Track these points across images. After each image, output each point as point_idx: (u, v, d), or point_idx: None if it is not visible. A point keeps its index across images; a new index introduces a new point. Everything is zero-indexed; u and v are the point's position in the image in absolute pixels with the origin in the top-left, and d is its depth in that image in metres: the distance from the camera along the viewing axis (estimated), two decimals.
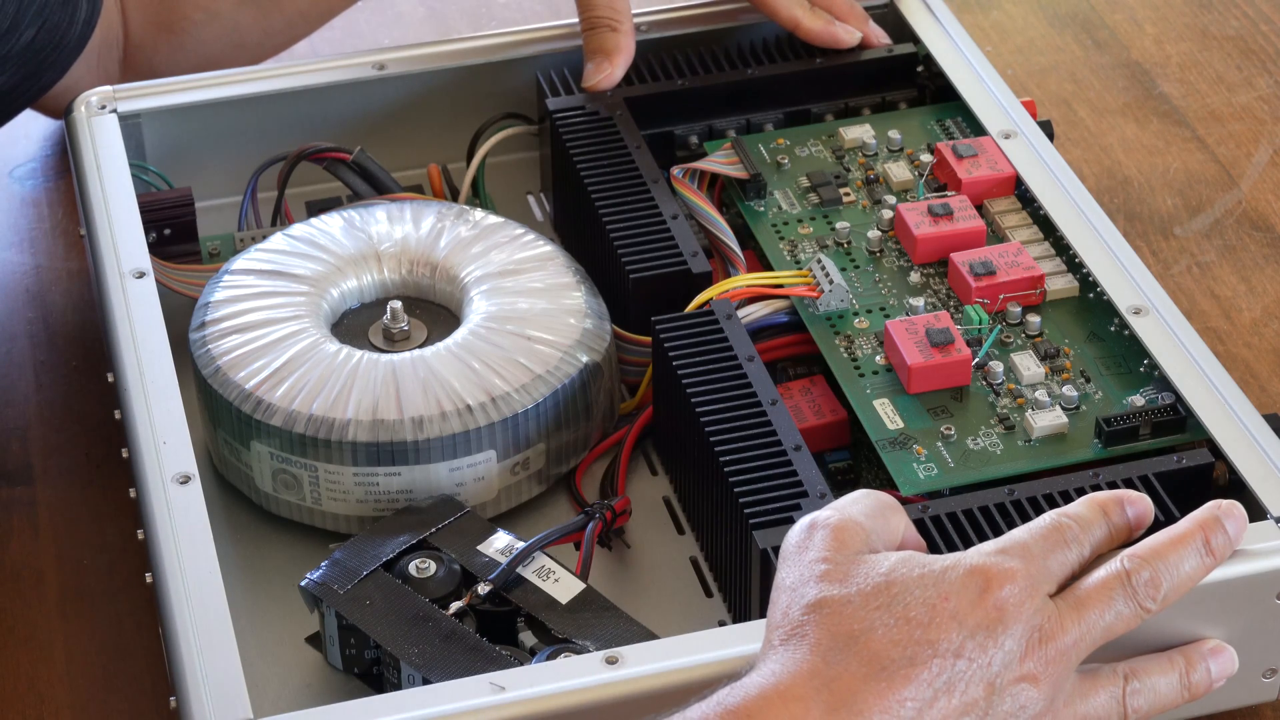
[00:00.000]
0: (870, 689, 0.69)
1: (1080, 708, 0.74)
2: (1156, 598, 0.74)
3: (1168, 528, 0.76)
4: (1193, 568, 0.75)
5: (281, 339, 0.90)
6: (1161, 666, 0.76)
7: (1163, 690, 0.76)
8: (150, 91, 1.05)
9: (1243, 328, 1.02)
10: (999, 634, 0.71)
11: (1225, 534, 0.76)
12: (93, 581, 0.91)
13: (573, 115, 1.02)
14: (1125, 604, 0.74)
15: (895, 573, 0.72)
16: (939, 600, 0.71)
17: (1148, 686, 0.75)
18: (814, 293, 0.93)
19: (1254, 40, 1.22)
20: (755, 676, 0.69)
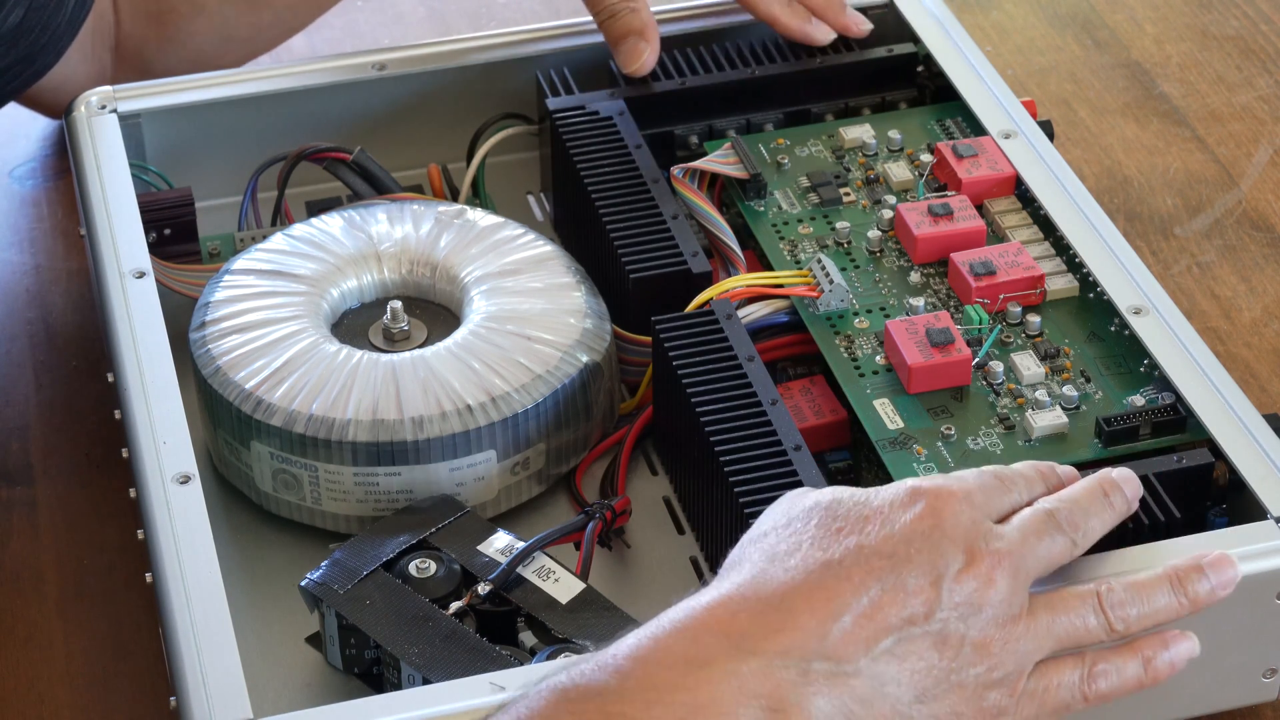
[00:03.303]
0: (799, 593, 0.69)
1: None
2: (1079, 526, 0.74)
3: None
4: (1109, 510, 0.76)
5: (281, 339, 0.90)
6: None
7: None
8: (150, 91, 1.05)
9: (1243, 328, 1.02)
10: (936, 538, 0.71)
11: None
12: (93, 581, 0.91)
13: (573, 115, 1.02)
14: (1059, 539, 0.74)
15: (837, 502, 0.73)
16: (871, 512, 0.72)
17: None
18: (814, 293, 0.93)
19: (1254, 40, 1.22)
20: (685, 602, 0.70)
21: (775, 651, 0.68)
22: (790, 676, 0.68)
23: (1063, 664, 0.73)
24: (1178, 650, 0.75)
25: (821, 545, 0.71)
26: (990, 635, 0.71)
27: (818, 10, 1.05)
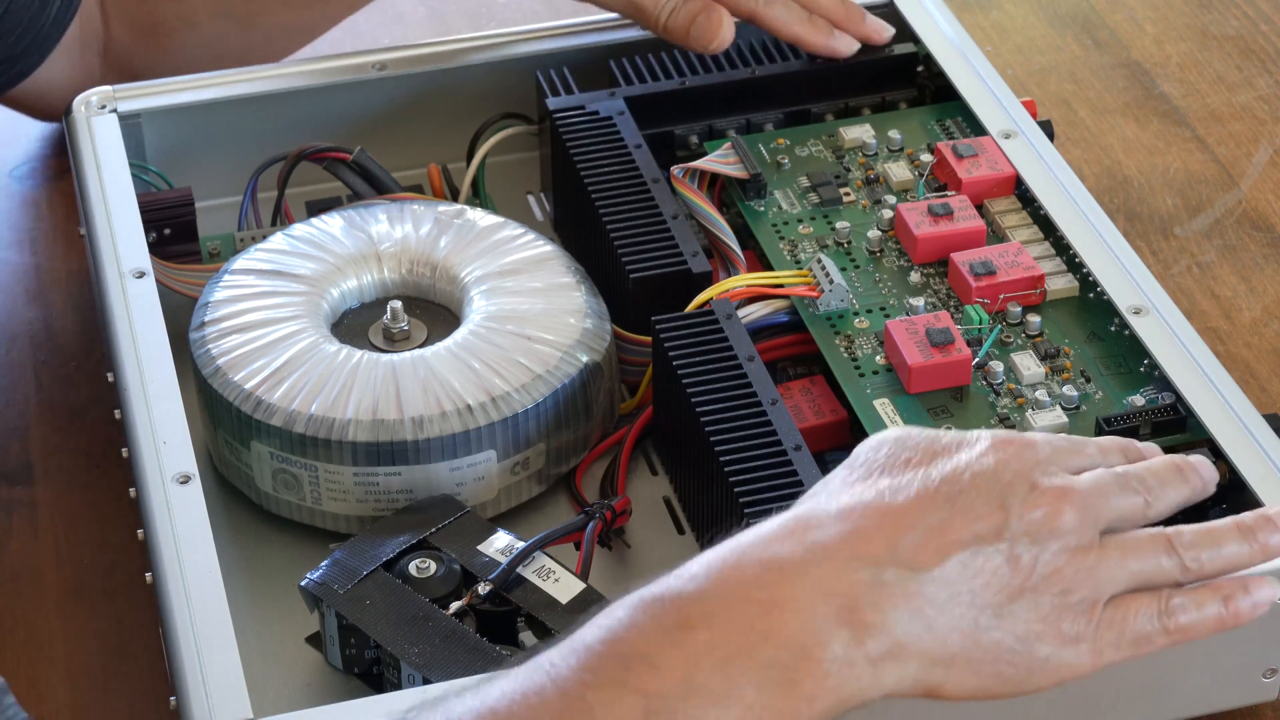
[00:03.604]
0: (869, 511, 0.70)
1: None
2: (1152, 490, 0.74)
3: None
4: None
5: (281, 339, 0.90)
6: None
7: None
8: (150, 91, 1.05)
9: (1243, 328, 1.02)
10: (1002, 471, 0.72)
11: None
12: (93, 581, 0.91)
13: (573, 115, 1.02)
14: (1131, 497, 0.74)
15: (907, 436, 0.74)
16: (941, 448, 0.73)
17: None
18: (814, 293, 0.93)
19: (1254, 40, 1.22)
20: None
21: (847, 556, 0.69)
22: (864, 578, 0.68)
23: (1140, 596, 0.73)
24: (1260, 593, 0.75)
25: (890, 473, 0.72)
26: (1062, 563, 0.71)
27: (838, 22, 1.05)
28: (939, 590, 0.69)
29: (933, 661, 0.69)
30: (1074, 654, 0.71)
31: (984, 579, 0.70)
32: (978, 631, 0.70)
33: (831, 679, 0.67)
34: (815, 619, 0.67)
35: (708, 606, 0.67)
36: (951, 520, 0.70)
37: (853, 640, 0.68)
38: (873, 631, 0.68)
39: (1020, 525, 0.71)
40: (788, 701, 0.67)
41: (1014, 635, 0.70)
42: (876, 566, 0.69)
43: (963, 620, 0.70)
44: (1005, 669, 0.71)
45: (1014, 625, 0.70)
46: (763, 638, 0.67)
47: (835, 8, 1.05)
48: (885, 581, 0.69)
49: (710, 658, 0.66)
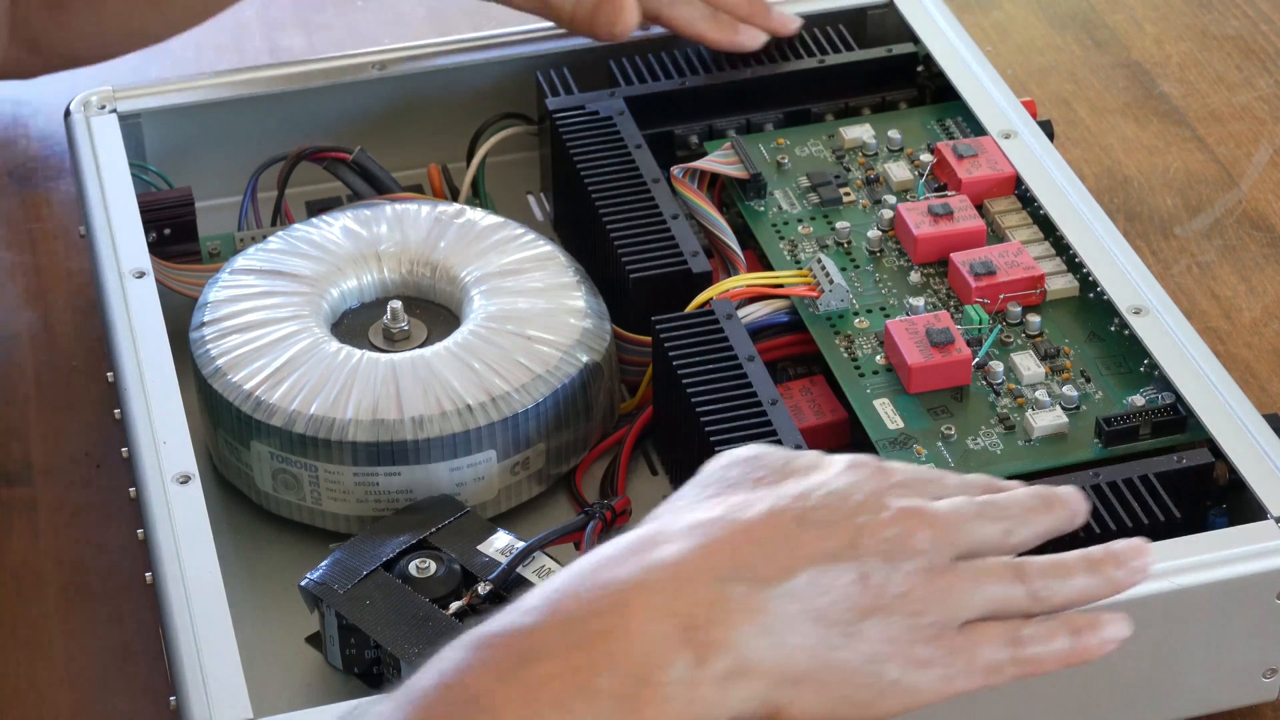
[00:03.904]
0: (713, 524, 0.68)
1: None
2: (1013, 518, 0.72)
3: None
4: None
5: (281, 339, 0.90)
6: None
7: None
8: (150, 91, 1.05)
9: (1243, 328, 1.02)
10: (855, 492, 0.70)
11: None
12: (93, 581, 0.91)
13: (573, 115, 1.02)
14: (989, 525, 0.72)
15: (759, 455, 0.72)
16: (794, 469, 0.72)
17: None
18: (814, 293, 0.93)
19: (1254, 40, 1.22)
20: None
21: (690, 572, 0.67)
22: (708, 594, 0.66)
23: (991, 624, 0.71)
24: (1109, 630, 0.72)
25: (740, 490, 0.70)
26: (913, 584, 0.69)
27: (744, 16, 1.04)
28: (787, 605, 0.67)
29: (780, 680, 0.67)
30: (923, 679, 0.69)
31: (833, 596, 0.68)
32: (826, 650, 0.67)
33: (675, 704, 0.65)
34: (655, 642, 0.65)
35: (545, 639, 0.65)
36: (801, 536, 0.68)
37: (696, 661, 0.65)
38: (717, 650, 0.65)
39: (872, 543, 0.69)
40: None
41: (863, 656, 0.68)
42: (721, 581, 0.67)
43: (810, 638, 0.67)
44: (853, 691, 0.68)
45: (863, 645, 0.68)
46: (600, 667, 0.64)
47: (739, 4, 1.04)
48: (730, 597, 0.66)
49: (548, 692, 0.63)
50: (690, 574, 0.67)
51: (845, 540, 0.69)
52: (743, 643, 0.66)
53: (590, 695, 0.64)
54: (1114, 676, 0.79)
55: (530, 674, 0.64)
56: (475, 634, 0.65)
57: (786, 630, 0.67)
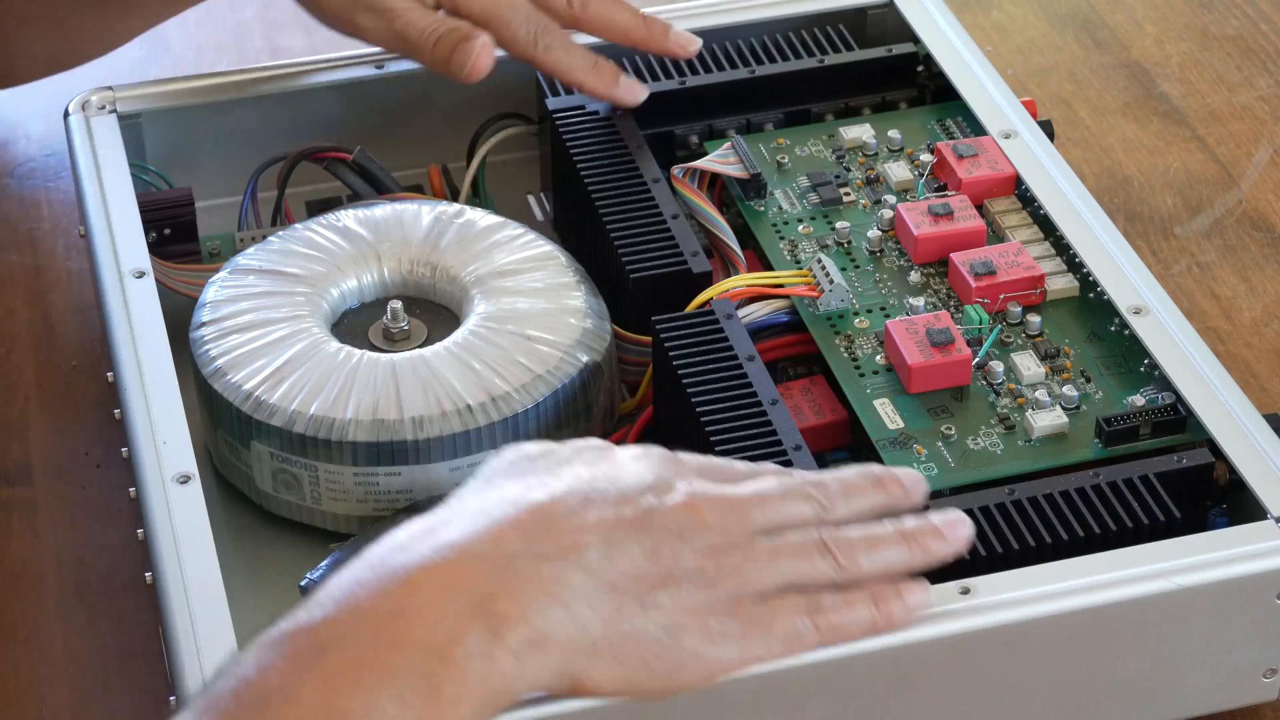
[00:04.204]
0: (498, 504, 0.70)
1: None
2: (831, 497, 0.74)
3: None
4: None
5: (281, 339, 0.90)
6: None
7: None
8: (150, 91, 1.05)
9: (1243, 328, 1.02)
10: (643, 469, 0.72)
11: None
12: (93, 581, 0.91)
13: (573, 115, 1.02)
14: (800, 504, 0.73)
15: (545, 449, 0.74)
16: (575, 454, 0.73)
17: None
18: (814, 292, 0.93)
19: (1254, 40, 1.22)
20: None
21: (480, 549, 0.68)
22: (498, 568, 0.67)
23: (790, 595, 0.72)
24: (913, 597, 0.74)
25: (528, 475, 0.72)
26: (703, 560, 0.70)
27: (637, 43, 1.01)
28: (577, 577, 0.68)
29: (576, 650, 0.68)
30: (722, 650, 0.70)
31: (623, 568, 0.69)
32: (621, 619, 0.68)
33: (473, 678, 0.65)
34: (447, 619, 0.66)
35: (338, 629, 0.65)
36: (589, 513, 0.70)
37: (490, 634, 0.66)
38: (510, 622, 0.66)
39: (662, 520, 0.70)
40: (431, 709, 0.64)
41: (658, 625, 0.69)
42: (510, 557, 0.68)
43: (604, 608, 0.68)
44: (652, 660, 0.69)
45: (658, 615, 0.69)
46: (394, 648, 0.65)
47: (633, 30, 1.00)
48: (520, 570, 0.67)
49: (346, 678, 0.64)
50: (479, 551, 0.68)
51: (633, 518, 0.70)
52: (535, 614, 0.67)
53: (389, 676, 0.64)
54: (1114, 676, 0.80)
55: (328, 663, 0.64)
56: (269, 634, 0.66)
57: (578, 601, 0.68)
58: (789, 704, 0.76)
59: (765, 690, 0.75)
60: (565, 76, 1.00)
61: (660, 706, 0.74)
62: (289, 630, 0.66)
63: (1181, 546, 0.80)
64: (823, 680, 0.76)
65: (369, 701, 0.64)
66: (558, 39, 0.99)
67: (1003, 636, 0.77)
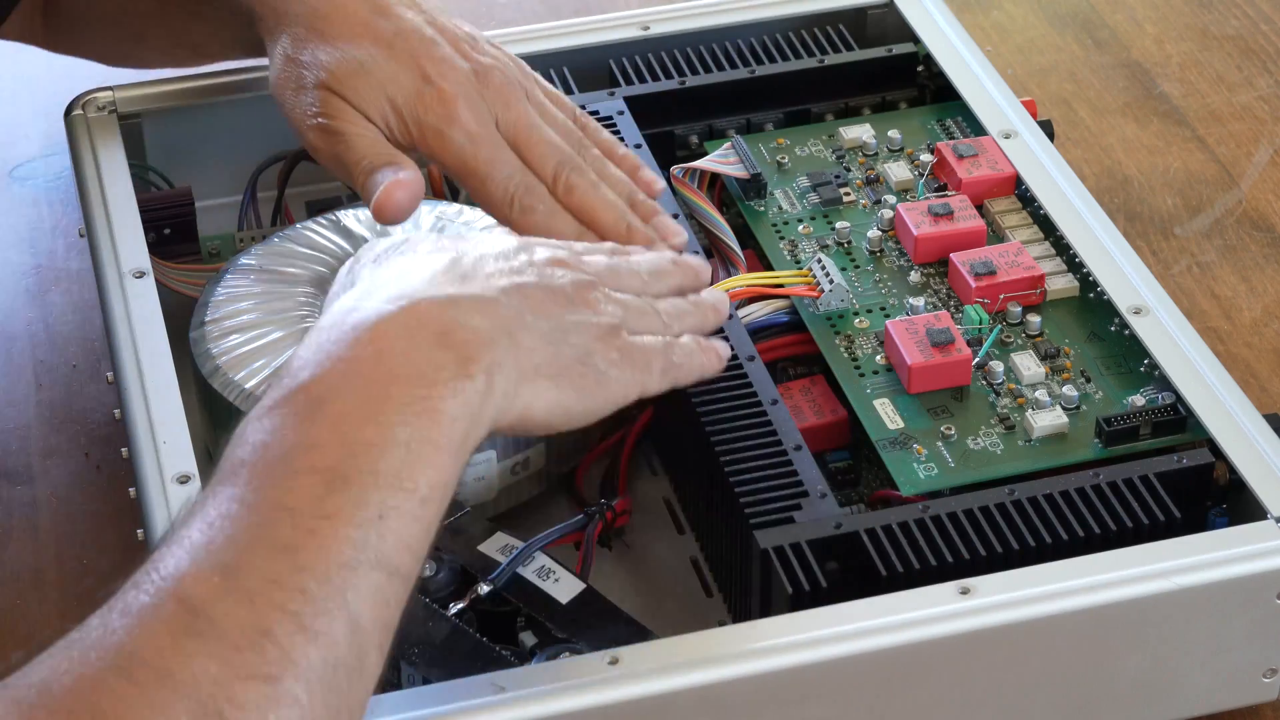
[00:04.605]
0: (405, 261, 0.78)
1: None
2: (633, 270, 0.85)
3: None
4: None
5: (281, 339, 0.90)
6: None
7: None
8: (150, 91, 1.05)
9: (1243, 328, 1.02)
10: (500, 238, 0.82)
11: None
12: (93, 581, 0.91)
13: None
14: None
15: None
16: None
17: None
18: (814, 292, 0.93)
19: (1254, 40, 1.22)
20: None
21: (418, 296, 0.74)
22: (442, 305, 0.73)
23: (649, 337, 0.81)
24: (721, 347, 0.84)
25: (408, 253, 0.79)
26: (586, 289, 0.79)
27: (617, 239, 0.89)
28: (506, 309, 0.75)
29: (522, 374, 0.74)
30: (623, 373, 0.79)
31: (535, 302, 0.77)
32: (550, 344, 0.76)
33: (461, 396, 0.71)
34: (421, 352, 0.72)
35: (329, 381, 0.70)
36: (488, 265, 0.77)
37: (461, 359, 0.72)
38: (471, 347, 0.72)
39: (542, 268, 0.79)
40: (436, 428, 0.70)
41: (576, 349, 0.77)
42: (451, 297, 0.74)
43: (535, 336, 0.75)
44: (579, 381, 0.77)
45: (574, 338, 0.77)
46: (388, 382, 0.70)
47: (615, 228, 0.89)
48: (464, 305, 0.74)
49: (355, 417, 0.69)
50: (423, 294, 0.74)
51: (520, 266, 0.78)
52: (488, 342, 0.73)
53: (391, 406, 0.70)
54: (1114, 676, 0.80)
55: (332, 409, 0.70)
56: (261, 406, 0.71)
57: (517, 329, 0.75)
58: (789, 704, 0.76)
59: (765, 690, 0.75)
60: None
61: (660, 706, 0.74)
62: (281, 396, 0.71)
63: (1181, 546, 0.79)
64: (823, 680, 0.76)
65: (382, 430, 0.69)
66: (540, 201, 0.89)
67: (1003, 636, 0.77)
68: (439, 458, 0.70)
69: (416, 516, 0.69)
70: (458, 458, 0.71)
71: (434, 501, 0.70)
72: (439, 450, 0.70)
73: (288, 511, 0.67)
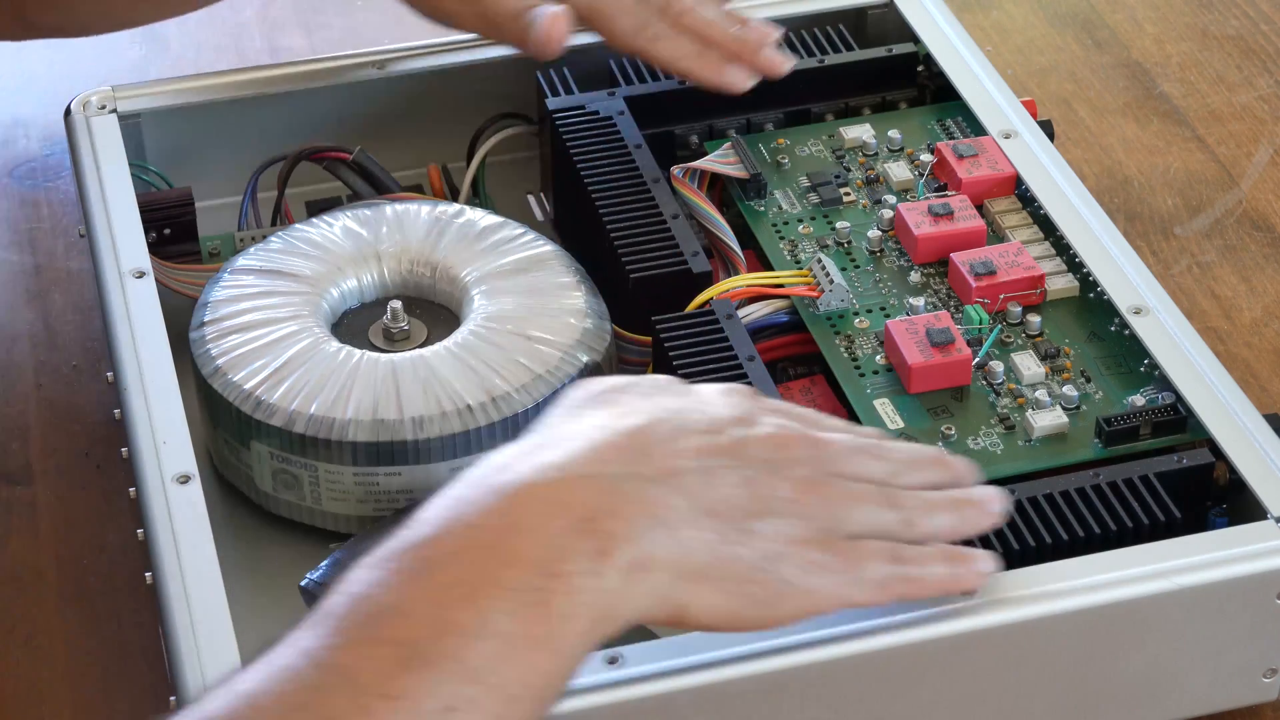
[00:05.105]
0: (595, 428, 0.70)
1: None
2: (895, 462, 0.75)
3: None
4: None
5: (281, 339, 0.90)
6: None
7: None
8: (150, 91, 1.05)
9: (1243, 328, 1.02)
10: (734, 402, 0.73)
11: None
12: (93, 581, 0.91)
13: (573, 115, 1.02)
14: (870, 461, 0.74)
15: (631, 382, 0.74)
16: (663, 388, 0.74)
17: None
18: (814, 292, 0.93)
19: (1254, 40, 1.22)
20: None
21: (580, 470, 0.68)
22: (601, 488, 0.67)
23: (875, 540, 0.72)
24: (981, 564, 0.75)
25: (616, 404, 0.72)
26: (798, 492, 0.71)
27: (732, 54, 1.00)
28: (677, 500, 0.68)
29: (680, 574, 0.67)
30: (818, 582, 0.70)
31: (721, 494, 0.69)
32: (722, 545, 0.68)
33: (584, 595, 0.65)
34: (555, 536, 0.65)
35: (446, 546, 0.65)
36: (683, 441, 0.70)
37: (598, 552, 0.66)
38: (616, 540, 0.66)
39: (752, 451, 0.71)
40: (543, 625, 0.64)
41: (758, 553, 0.69)
42: (612, 478, 0.68)
43: (706, 532, 0.68)
44: (753, 589, 0.69)
45: (758, 543, 0.69)
46: (505, 563, 0.64)
47: (728, 41, 0.99)
48: (623, 490, 0.67)
49: (457, 593, 0.64)
50: (581, 471, 0.68)
51: (726, 447, 0.71)
52: (640, 535, 0.67)
53: (500, 591, 0.64)
54: (1114, 676, 0.80)
55: (438, 578, 0.64)
56: (377, 554, 0.65)
57: (681, 524, 0.68)
58: (789, 704, 0.76)
59: (765, 690, 0.75)
60: (673, 66, 1.00)
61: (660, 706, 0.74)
62: (396, 549, 0.65)
63: (1181, 546, 0.79)
64: (823, 680, 0.76)
65: (481, 615, 0.63)
66: (664, 29, 0.99)
67: (1003, 636, 0.77)
68: (538, 656, 0.64)
69: (497, 715, 0.62)
70: (567, 657, 0.65)
71: (525, 701, 0.63)
72: (541, 649, 0.64)
73: (350, 682, 0.62)
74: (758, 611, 0.69)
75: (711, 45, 1.00)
